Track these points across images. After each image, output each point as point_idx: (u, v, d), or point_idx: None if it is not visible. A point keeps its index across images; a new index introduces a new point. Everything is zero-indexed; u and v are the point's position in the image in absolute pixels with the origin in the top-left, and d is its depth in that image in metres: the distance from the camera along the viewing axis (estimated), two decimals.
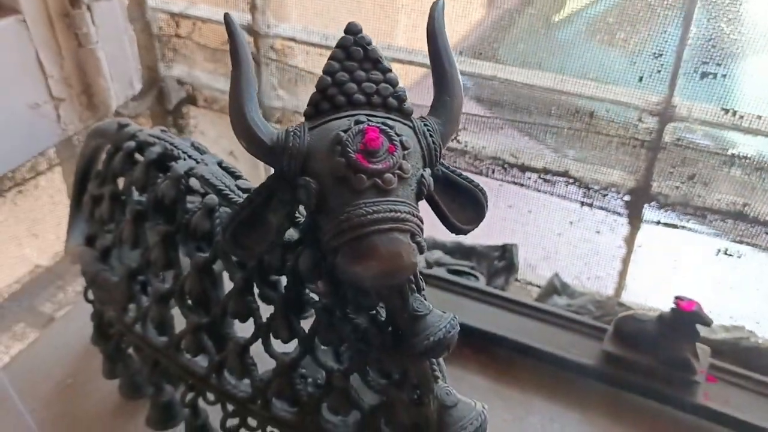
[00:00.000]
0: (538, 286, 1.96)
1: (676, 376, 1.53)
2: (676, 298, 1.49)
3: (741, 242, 1.68)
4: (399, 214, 0.82)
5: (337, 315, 0.99)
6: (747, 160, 1.57)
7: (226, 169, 1.18)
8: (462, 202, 0.96)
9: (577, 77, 1.65)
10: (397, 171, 0.84)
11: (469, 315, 1.76)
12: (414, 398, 0.99)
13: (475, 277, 1.90)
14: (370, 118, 0.87)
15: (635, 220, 1.75)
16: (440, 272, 1.90)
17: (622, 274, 1.85)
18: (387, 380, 1.03)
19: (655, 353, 1.54)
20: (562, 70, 1.67)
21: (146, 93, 2.17)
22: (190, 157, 1.22)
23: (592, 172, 1.75)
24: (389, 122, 0.88)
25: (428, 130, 0.90)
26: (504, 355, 1.74)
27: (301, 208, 0.94)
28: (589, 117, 1.68)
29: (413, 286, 0.95)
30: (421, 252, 0.84)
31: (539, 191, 1.84)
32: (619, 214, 1.76)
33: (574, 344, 1.68)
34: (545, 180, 1.80)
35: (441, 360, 1.02)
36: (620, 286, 1.88)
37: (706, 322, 1.49)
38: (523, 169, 1.82)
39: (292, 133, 0.87)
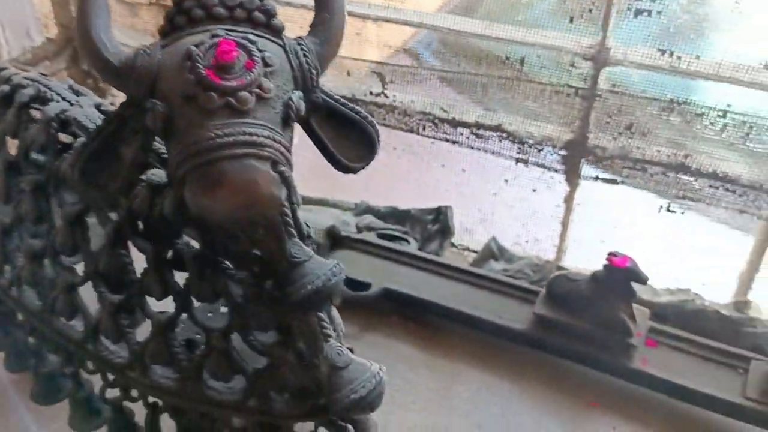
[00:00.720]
0: (475, 252, 1.84)
1: (612, 339, 1.42)
2: (609, 254, 1.38)
3: (684, 197, 1.57)
4: (256, 138, 0.71)
5: (210, 265, 0.87)
6: (687, 106, 1.46)
7: (104, 112, 1.05)
8: (350, 137, 0.86)
9: (506, 22, 1.53)
10: (256, 90, 0.73)
11: (399, 281, 1.64)
12: (301, 359, 0.87)
13: (407, 241, 1.78)
14: (230, 33, 0.76)
15: (573, 176, 1.63)
16: (370, 237, 1.78)
17: (562, 235, 1.73)
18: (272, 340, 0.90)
19: (589, 315, 1.43)
20: (489, 15, 1.54)
21: (61, 52, 2.02)
22: (64, 99, 1.08)
23: (526, 126, 1.63)
24: (251, 37, 0.77)
25: (302, 49, 0.80)
26: (433, 323, 1.62)
27: None
28: (520, 64, 1.56)
29: (291, 229, 0.82)
30: (287, 184, 0.74)
31: (472, 148, 1.71)
32: (555, 170, 1.65)
33: (507, 309, 1.56)
34: (478, 135, 1.67)
35: (335, 316, 0.89)
36: (560, 249, 1.76)
37: (641, 279, 1.37)
38: (455, 124, 1.69)
39: (141, 53, 0.76)
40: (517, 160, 1.65)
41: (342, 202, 2.02)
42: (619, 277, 1.38)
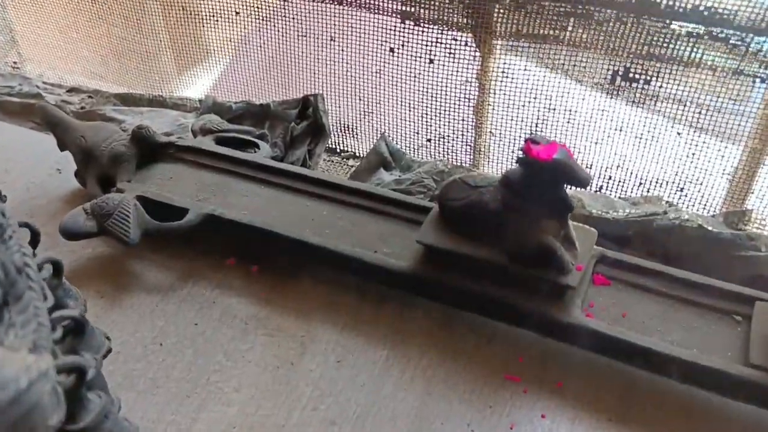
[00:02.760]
0: (359, 157, 1.29)
1: (536, 278, 0.89)
2: (527, 140, 0.83)
3: (649, 56, 1.02)
4: None
5: None
6: None
7: None
8: None
9: None
10: None
11: (235, 204, 1.11)
12: None
13: (257, 147, 1.23)
14: None
15: (486, 34, 1.07)
16: (206, 143, 1.23)
17: (477, 128, 1.18)
18: None
19: (499, 241, 0.90)
20: None
21: None
22: None
23: None
24: None
25: None
26: (284, 264, 1.09)
27: None
28: None
29: None
30: None
31: (339, 3, 1.15)
32: (460, 28, 1.08)
33: (390, 239, 1.03)
34: None
35: None
36: (476, 148, 1.21)
37: (579, 179, 0.83)
38: None
39: None
40: (404, 17, 1.08)
41: (185, 99, 1.46)
42: (544, 176, 0.84)
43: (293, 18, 1.20)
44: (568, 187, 0.85)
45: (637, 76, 1.04)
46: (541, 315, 0.89)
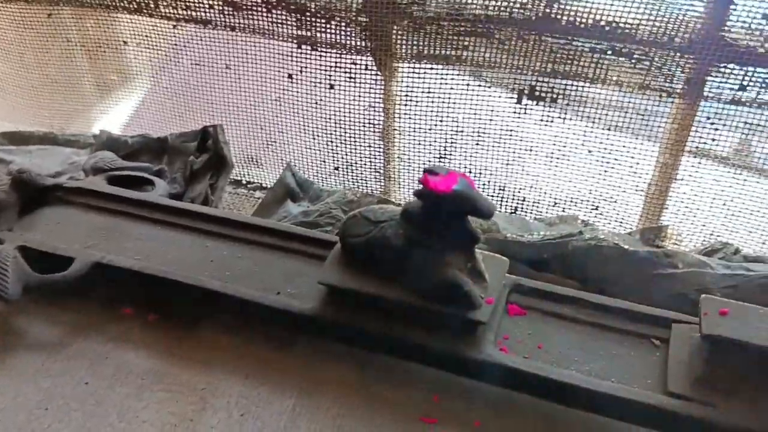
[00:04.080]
0: (266, 187, 1.23)
1: (443, 315, 0.84)
2: (425, 171, 0.78)
3: (554, 73, 0.99)
4: None
5: None
6: None
7: None
8: None
9: None
10: None
11: (130, 250, 1.02)
12: None
13: (152, 184, 1.15)
14: None
15: (385, 56, 1.03)
16: (96, 183, 1.14)
17: (386, 152, 1.13)
18: None
19: (404, 278, 0.84)
20: None
21: None
22: None
23: None
24: None
25: None
26: (184, 311, 1.01)
27: None
28: None
29: None
30: None
31: (232, 29, 1.08)
32: (357, 50, 1.03)
33: (294, 279, 0.97)
34: (235, 6, 1.04)
35: None
36: (386, 174, 1.16)
37: (482, 210, 0.79)
38: None
39: None
40: (300, 41, 1.02)
41: (78, 135, 1.37)
42: (444, 208, 0.79)
43: (184, 46, 1.13)
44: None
45: (543, 94, 1.01)
46: (452, 353, 0.84)
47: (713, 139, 0.97)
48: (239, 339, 0.97)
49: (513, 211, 1.12)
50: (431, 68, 1.02)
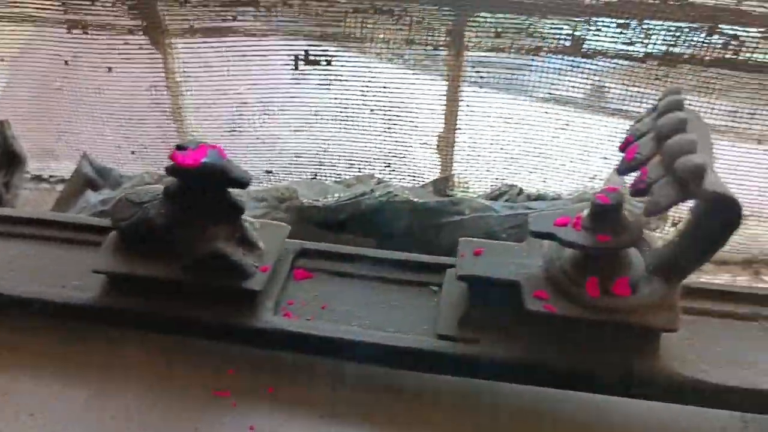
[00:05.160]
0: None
1: (216, 287, 0.84)
2: (176, 147, 0.78)
3: (324, 38, 0.99)
4: None
5: None
6: None
7: None
8: None
9: None
10: None
11: None
12: None
13: None
14: None
15: (156, 32, 1.01)
16: None
17: (180, 130, 1.11)
18: None
19: (173, 256, 0.84)
20: None
21: None
22: None
23: None
24: None
25: None
26: None
27: None
28: None
29: None
30: None
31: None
32: (131, 32, 1.01)
33: (82, 270, 0.95)
34: None
35: None
36: None
37: (236, 180, 0.79)
38: None
39: None
40: (70, 25, 0.99)
41: None
42: (198, 182, 0.79)
43: None
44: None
45: (317, 58, 1.01)
46: (232, 324, 0.84)
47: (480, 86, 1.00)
48: (31, 338, 0.95)
49: (313, 176, 1.13)
50: (205, 42, 1.01)
